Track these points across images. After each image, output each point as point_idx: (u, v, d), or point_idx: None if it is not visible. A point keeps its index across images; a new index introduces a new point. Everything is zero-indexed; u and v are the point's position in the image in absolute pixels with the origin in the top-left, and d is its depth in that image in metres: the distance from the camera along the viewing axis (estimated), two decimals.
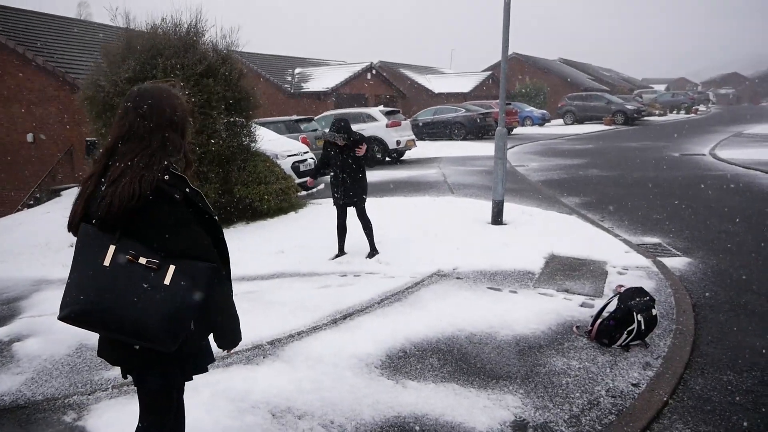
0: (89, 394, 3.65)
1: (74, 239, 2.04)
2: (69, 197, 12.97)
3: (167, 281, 1.92)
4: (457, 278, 5.58)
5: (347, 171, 6.19)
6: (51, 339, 4.55)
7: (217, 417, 3.19)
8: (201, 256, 1.99)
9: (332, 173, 6.32)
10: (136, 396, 3.54)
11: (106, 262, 1.90)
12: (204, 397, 3.44)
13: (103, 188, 1.96)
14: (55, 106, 14.50)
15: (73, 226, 2.04)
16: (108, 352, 2.16)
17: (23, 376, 3.98)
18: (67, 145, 14.59)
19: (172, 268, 1.93)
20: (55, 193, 13.69)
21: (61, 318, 1.93)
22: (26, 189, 14.65)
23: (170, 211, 1.96)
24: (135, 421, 3.31)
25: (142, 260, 1.92)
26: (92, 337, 4.49)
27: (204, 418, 3.19)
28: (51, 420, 3.38)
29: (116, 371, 3.94)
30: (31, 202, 13.99)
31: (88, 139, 12.17)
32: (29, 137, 14.95)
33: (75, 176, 14.54)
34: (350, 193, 6.25)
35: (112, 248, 1.91)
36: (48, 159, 14.76)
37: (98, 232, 1.95)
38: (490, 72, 41.11)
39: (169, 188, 1.95)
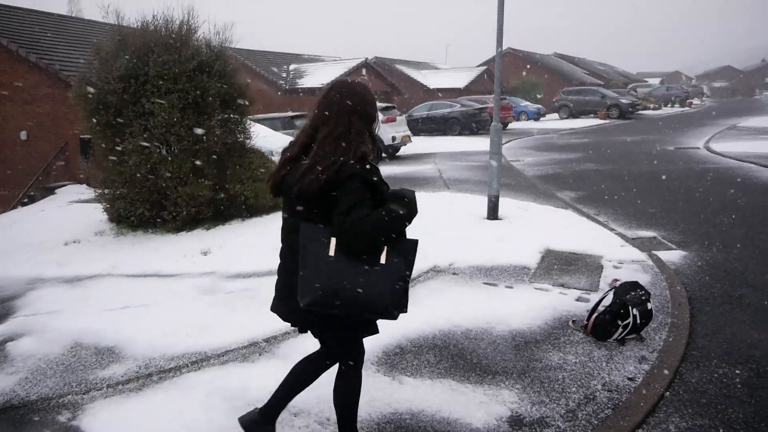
0: (84, 394, 3.63)
1: (69, 239, 2.11)
2: (63, 195, 12.91)
3: (383, 260, 2.22)
4: (453, 274, 5.58)
5: None
6: (45, 338, 4.53)
7: (212, 416, 3.18)
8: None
9: None
10: (130, 395, 3.56)
11: (332, 253, 2.18)
12: (199, 395, 3.43)
13: (304, 164, 2.27)
14: (48, 103, 14.41)
15: (273, 190, 2.45)
16: (285, 312, 2.49)
17: (17, 376, 3.95)
18: (62, 142, 14.52)
19: (384, 248, 2.23)
20: (50, 191, 13.62)
21: (304, 306, 2.20)
22: (20, 187, 14.58)
23: (354, 196, 2.18)
24: (130, 420, 3.31)
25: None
26: (87, 337, 4.49)
27: (199, 417, 3.17)
28: (45, 420, 3.35)
29: (112, 370, 3.92)
30: (26, 200, 13.92)
31: (82, 136, 12.12)
32: (23, 135, 14.87)
33: (69, 174, 14.48)
34: None
35: (333, 240, 2.18)
36: (42, 157, 14.68)
37: (318, 228, 2.23)
38: (485, 67, 41.11)
39: (367, 173, 2.21)
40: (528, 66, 43.82)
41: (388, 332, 4.19)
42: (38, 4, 18.93)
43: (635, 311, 3.97)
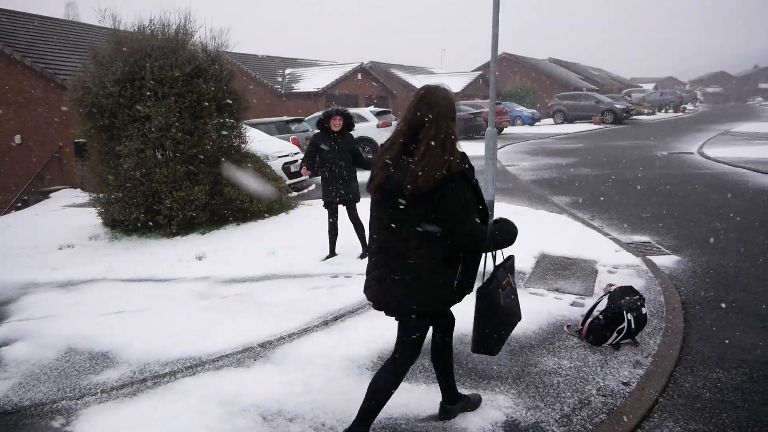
0: (78, 399, 3.62)
1: (63, 243, 2.11)
2: (58, 199, 12.87)
3: (514, 285, 2.93)
4: None
5: (343, 164, 6.08)
6: (39, 343, 4.51)
7: (207, 421, 3.17)
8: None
9: (325, 169, 6.16)
10: (124, 400, 3.55)
11: (503, 303, 2.78)
12: (194, 401, 3.42)
13: (411, 166, 2.43)
14: (43, 107, 14.37)
15: (371, 190, 2.62)
16: (380, 302, 2.74)
17: (10, 381, 3.94)
18: (56, 146, 14.47)
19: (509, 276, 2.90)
20: (44, 195, 13.57)
21: (498, 352, 2.94)
22: (14, 191, 14.51)
23: (464, 193, 2.48)
24: (124, 425, 3.30)
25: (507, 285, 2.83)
26: (81, 342, 4.48)
27: (194, 423, 3.17)
28: (39, 426, 3.34)
29: (106, 375, 3.91)
30: (20, 204, 13.86)
31: (76, 140, 12.08)
32: (17, 139, 14.81)
33: (64, 178, 14.43)
34: (348, 188, 6.15)
35: (501, 292, 2.77)
36: (36, 161, 14.63)
37: (488, 291, 2.80)
38: (480, 72, 41.15)
39: (468, 173, 2.52)
40: (523, 71, 43.99)
41: (383, 337, 4.19)
42: (35, 8, 18.90)
43: (630, 316, 3.99)
